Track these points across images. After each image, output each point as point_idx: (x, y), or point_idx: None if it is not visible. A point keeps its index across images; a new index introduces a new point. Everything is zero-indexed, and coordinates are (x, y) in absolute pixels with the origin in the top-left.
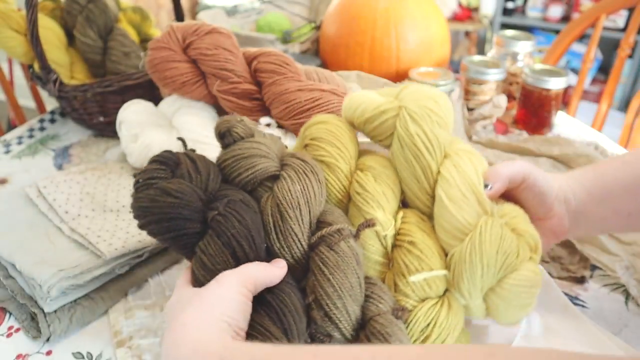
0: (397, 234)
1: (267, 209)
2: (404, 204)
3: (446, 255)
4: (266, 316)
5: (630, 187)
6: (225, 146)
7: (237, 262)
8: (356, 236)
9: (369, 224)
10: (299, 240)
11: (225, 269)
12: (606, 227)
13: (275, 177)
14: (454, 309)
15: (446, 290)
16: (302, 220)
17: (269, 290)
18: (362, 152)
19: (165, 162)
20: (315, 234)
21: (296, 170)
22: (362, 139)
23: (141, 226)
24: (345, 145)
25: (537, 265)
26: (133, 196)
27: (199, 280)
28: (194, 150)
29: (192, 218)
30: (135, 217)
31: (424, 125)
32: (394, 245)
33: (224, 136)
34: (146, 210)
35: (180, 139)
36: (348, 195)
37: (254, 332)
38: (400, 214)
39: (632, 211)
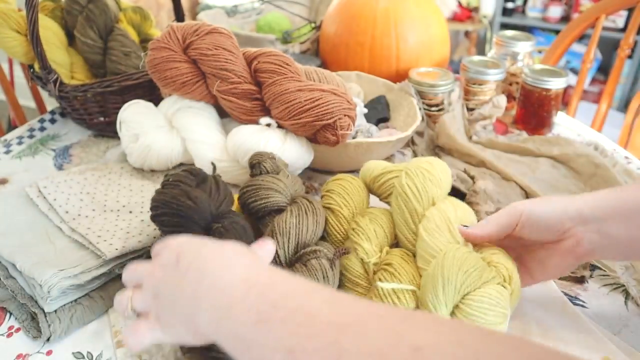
0: (381, 262)
1: (266, 231)
2: (397, 246)
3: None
4: None
5: None
6: (252, 175)
7: None
8: (332, 259)
9: (344, 251)
10: (280, 260)
11: None
12: (633, 246)
13: (282, 210)
14: None
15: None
16: (287, 246)
17: None
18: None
19: (195, 174)
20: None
21: (299, 208)
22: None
23: (154, 216)
24: (351, 197)
25: (510, 287)
26: (157, 191)
27: None
28: (220, 176)
29: (199, 223)
30: (153, 207)
31: (415, 179)
32: (375, 272)
33: (254, 167)
34: (166, 203)
35: (212, 163)
36: (347, 236)
37: None
38: (387, 248)
39: None
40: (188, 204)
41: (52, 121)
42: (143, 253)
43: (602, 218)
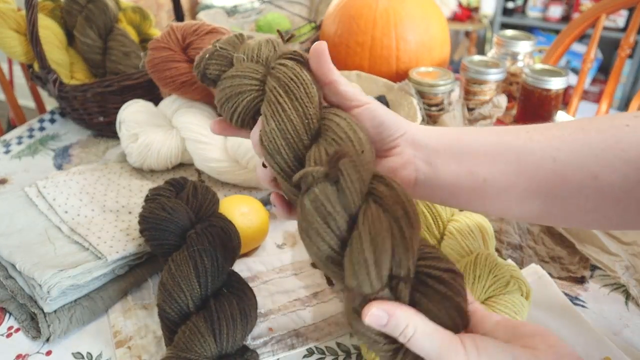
0: None
1: None
2: None
3: None
4: (202, 317)
5: (491, 152)
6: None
7: (197, 273)
8: (330, 175)
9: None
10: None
11: (186, 277)
12: (459, 188)
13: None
14: None
15: None
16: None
17: (217, 292)
18: None
19: (174, 184)
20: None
21: (271, 98)
22: None
23: (141, 231)
24: None
25: (527, 302)
26: (142, 206)
27: (163, 282)
28: (203, 181)
29: (176, 232)
30: (138, 222)
31: None
32: None
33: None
34: (145, 218)
35: (197, 170)
36: None
37: (187, 328)
38: None
39: (487, 178)
40: (162, 215)
41: (52, 121)
42: (143, 255)
43: (435, 148)
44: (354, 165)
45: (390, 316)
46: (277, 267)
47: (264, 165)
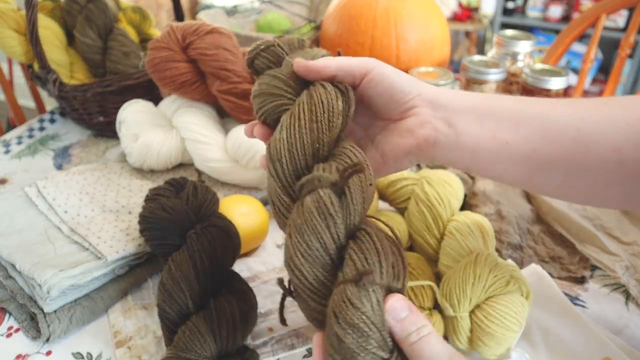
0: None
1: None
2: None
3: (439, 280)
4: (202, 317)
5: (515, 117)
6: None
7: (197, 273)
8: (338, 184)
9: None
10: (278, 206)
11: (185, 277)
12: (480, 151)
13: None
14: (438, 322)
15: (435, 308)
16: (281, 173)
17: (217, 292)
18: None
19: (174, 184)
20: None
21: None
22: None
23: (141, 231)
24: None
25: (528, 302)
26: (142, 206)
27: (163, 282)
28: (203, 181)
29: (176, 232)
30: (139, 224)
31: (438, 188)
32: None
33: (251, 67)
34: (145, 218)
35: (197, 170)
36: None
37: (187, 328)
38: None
39: (510, 141)
40: (163, 215)
41: (52, 121)
42: (143, 255)
43: (456, 109)
44: (362, 188)
45: (411, 312)
46: (277, 267)
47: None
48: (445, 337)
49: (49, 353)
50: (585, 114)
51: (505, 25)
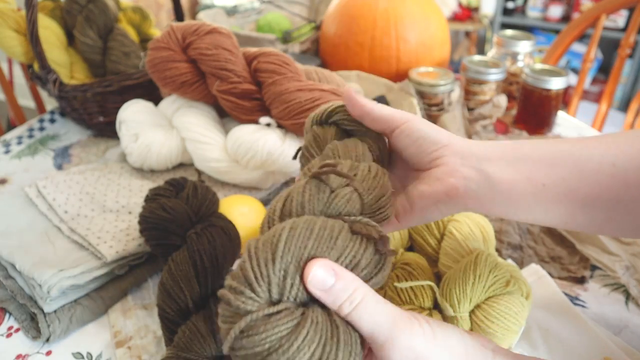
0: (397, 262)
1: None
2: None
3: (439, 280)
4: (202, 317)
5: (548, 158)
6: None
7: (197, 273)
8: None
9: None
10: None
11: (185, 277)
12: (516, 195)
13: None
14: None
15: (435, 308)
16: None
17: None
18: None
19: (174, 184)
20: None
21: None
22: None
23: (141, 231)
24: None
25: (528, 302)
26: (142, 207)
27: (163, 282)
28: (203, 181)
29: (176, 232)
30: (139, 224)
31: None
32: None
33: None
34: (145, 218)
35: (197, 170)
36: None
37: (187, 328)
38: (402, 250)
39: (546, 183)
40: (163, 215)
41: (52, 121)
42: (143, 255)
43: (485, 156)
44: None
45: (338, 277)
46: None
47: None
48: None
49: (49, 353)
50: (619, 149)
51: (505, 25)
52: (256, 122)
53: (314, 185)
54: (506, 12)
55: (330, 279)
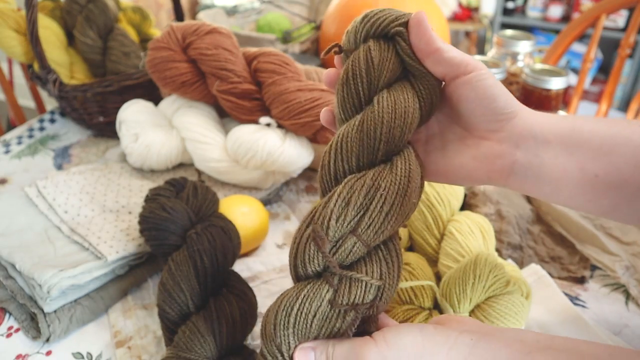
0: None
1: None
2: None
3: (439, 280)
4: (202, 317)
5: (608, 146)
6: None
7: (197, 273)
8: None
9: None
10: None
11: (185, 277)
12: (564, 183)
13: None
14: None
15: (435, 308)
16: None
17: (217, 292)
18: None
19: (174, 184)
20: None
21: None
22: None
23: (141, 231)
24: None
25: (528, 302)
26: (142, 207)
27: (163, 282)
28: (203, 181)
29: (176, 232)
30: (139, 224)
31: (438, 188)
32: None
33: None
34: (145, 218)
35: (197, 170)
36: None
37: (187, 328)
38: (402, 250)
39: (599, 173)
40: (163, 215)
41: (52, 121)
42: (143, 255)
43: (545, 139)
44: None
45: (315, 349)
46: (277, 267)
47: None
48: None
49: (49, 353)
50: None
51: (505, 25)
52: (256, 122)
53: (313, 244)
54: (506, 12)
55: (310, 354)
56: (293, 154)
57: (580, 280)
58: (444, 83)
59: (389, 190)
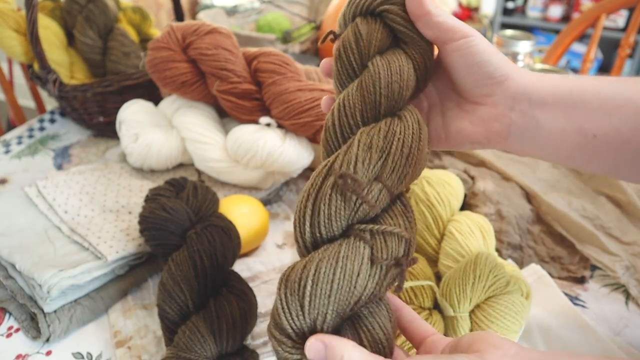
0: None
1: None
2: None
3: (439, 280)
4: (202, 317)
5: (606, 105)
6: None
7: (197, 273)
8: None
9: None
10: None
11: (185, 277)
12: (562, 144)
13: None
14: (438, 322)
15: (435, 308)
16: None
17: (217, 292)
18: None
19: (174, 184)
20: None
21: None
22: None
23: (141, 231)
24: None
25: (528, 302)
26: (142, 207)
27: (163, 282)
28: (203, 181)
29: (176, 232)
30: (139, 224)
31: (438, 188)
32: None
33: None
34: (145, 218)
35: (197, 170)
36: None
37: (187, 328)
38: None
39: (598, 134)
40: (163, 215)
41: (52, 121)
42: (143, 255)
43: (542, 100)
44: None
45: (327, 347)
46: (277, 267)
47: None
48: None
49: (49, 353)
50: None
51: (505, 25)
52: (256, 122)
53: (339, 194)
54: (506, 12)
55: (322, 350)
56: (293, 154)
57: (580, 280)
58: (437, 49)
59: (404, 134)
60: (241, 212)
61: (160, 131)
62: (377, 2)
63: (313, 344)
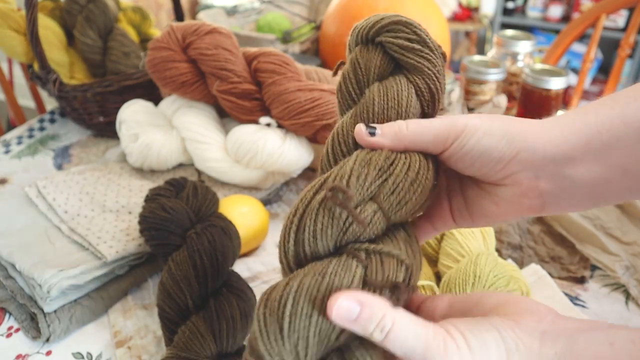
0: None
1: None
2: None
3: (439, 280)
4: (202, 317)
5: None
6: None
7: (197, 273)
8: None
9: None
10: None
11: (185, 277)
12: (606, 195)
13: None
14: None
15: None
16: None
17: (217, 292)
18: None
19: (174, 184)
20: None
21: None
22: None
23: (141, 230)
24: None
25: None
26: (142, 207)
27: (163, 282)
28: (203, 181)
29: (176, 232)
30: (139, 224)
31: None
32: None
33: None
34: (145, 218)
35: (197, 170)
36: None
37: (187, 328)
38: None
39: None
40: (163, 215)
41: (52, 121)
42: (143, 255)
43: (568, 157)
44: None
45: (363, 306)
46: (277, 267)
47: None
48: None
49: (49, 353)
50: None
51: (505, 25)
52: (256, 122)
53: (327, 209)
54: (506, 12)
55: (356, 309)
56: (293, 154)
57: (580, 280)
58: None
59: (411, 158)
60: (241, 212)
61: (160, 131)
62: (374, 31)
63: (343, 302)
